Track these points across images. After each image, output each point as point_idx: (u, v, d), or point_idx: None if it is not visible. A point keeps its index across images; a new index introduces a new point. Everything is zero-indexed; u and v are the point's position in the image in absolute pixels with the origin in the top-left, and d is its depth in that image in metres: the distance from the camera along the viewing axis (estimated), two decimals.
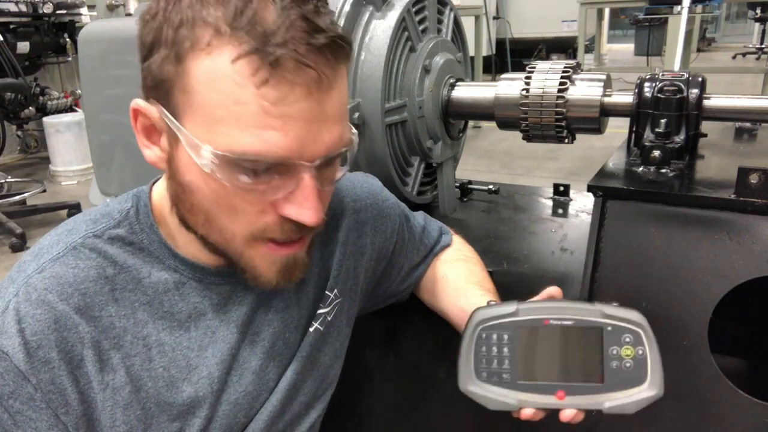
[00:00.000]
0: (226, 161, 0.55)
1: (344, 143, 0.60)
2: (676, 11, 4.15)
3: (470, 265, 0.94)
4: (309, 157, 0.57)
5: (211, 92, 0.54)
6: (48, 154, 4.73)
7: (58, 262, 0.62)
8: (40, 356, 0.59)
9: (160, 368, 0.66)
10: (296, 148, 0.55)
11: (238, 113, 0.54)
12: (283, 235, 0.61)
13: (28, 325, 0.59)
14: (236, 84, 0.53)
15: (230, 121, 0.54)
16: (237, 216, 0.60)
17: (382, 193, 0.89)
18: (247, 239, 0.61)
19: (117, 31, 1.29)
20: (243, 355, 0.71)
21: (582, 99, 1.07)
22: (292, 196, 0.58)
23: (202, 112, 0.55)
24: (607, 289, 0.89)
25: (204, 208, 0.60)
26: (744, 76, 7.71)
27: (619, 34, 14.96)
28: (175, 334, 0.67)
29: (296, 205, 0.58)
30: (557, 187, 1.49)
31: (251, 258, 0.63)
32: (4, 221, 3.36)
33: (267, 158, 0.55)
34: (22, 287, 0.61)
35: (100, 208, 0.69)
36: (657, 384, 0.63)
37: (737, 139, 1.20)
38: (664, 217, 0.87)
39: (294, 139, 0.55)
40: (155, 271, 0.66)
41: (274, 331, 0.73)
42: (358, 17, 1.15)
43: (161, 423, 0.66)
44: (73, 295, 0.61)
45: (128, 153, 1.32)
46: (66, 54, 4.77)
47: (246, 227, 0.60)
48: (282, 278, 0.65)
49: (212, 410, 0.68)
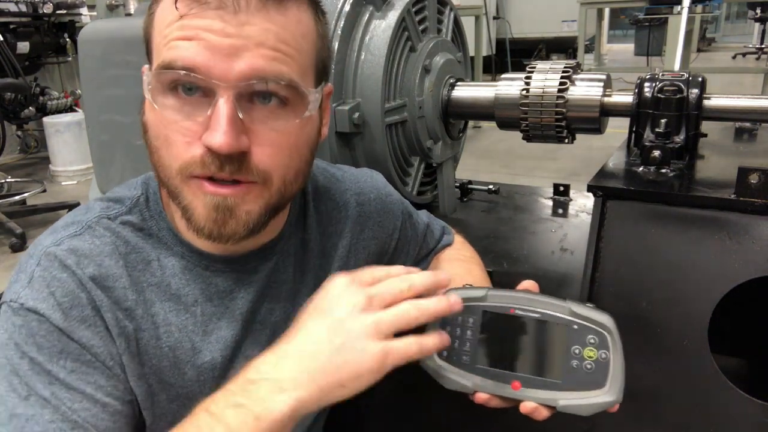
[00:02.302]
0: (156, 80, 0.59)
1: (274, 76, 0.58)
2: (676, 11, 4.15)
3: (468, 264, 0.94)
4: (221, 75, 0.57)
5: (157, 25, 0.61)
6: (48, 154, 4.73)
7: (75, 238, 0.65)
8: (75, 315, 0.61)
9: (166, 347, 0.67)
10: (205, 59, 0.56)
11: (165, 33, 0.59)
12: (204, 168, 0.59)
13: (56, 288, 0.61)
14: (169, 7, 0.58)
15: (161, 42, 0.60)
16: (171, 148, 0.60)
17: (386, 188, 0.90)
18: (180, 175, 0.61)
19: (117, 31, 1.29)
20: (245, 343, 0.72)
21: (582, 99, 1.07)
22: (209, 121, 0.58)
23: (153, 48, 0.62)
24: (607, 289, 0.89)
25: (152, 144, 0.62)
26: (744, 76, 7.71)
27: (619, 34, 14.97)
28: (181, 316, 0.68)
29: (210, 130, 0.57)
30: (557, 187, 1.49)
31: (186, 195, 0.62)
32: (4, 221, 3.36)
33: (177, 65, 0.57)
34: (42, 257, 0.63)
35: (110, 195, 0.71)
36: (616, 391, 0.61)
37: (737, 139, 1.20)
38: (664, 217, 0.87)
39: (204, 48, 0.56)
40: (164, 257, 0.68)
41: (276, 321, 0.74)
42: (358, 17, 1.15)
43: (161, 402, 0.67)
44: (89, 266, 0.63)
45: (128, 153, 1.32)
46: (66, 54, 4.78)
47: (176, 160, 0.60)
48: (214, 224, 0.62)
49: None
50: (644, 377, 0.86)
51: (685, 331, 0.83)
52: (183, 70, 0.57)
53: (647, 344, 0.85)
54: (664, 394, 0.85)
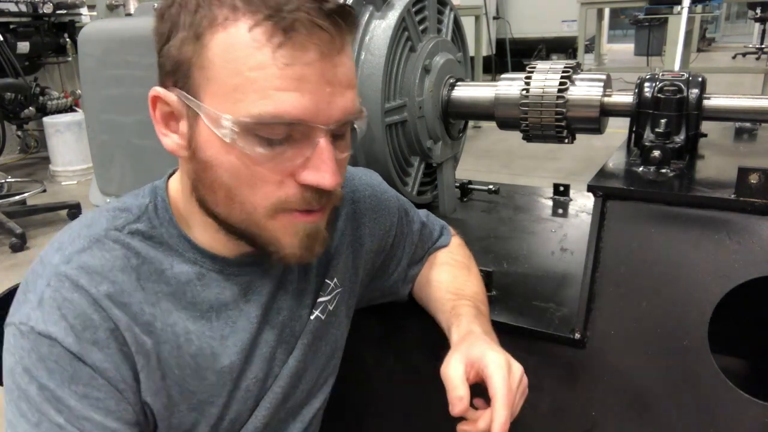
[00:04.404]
0: (244, 128, 0.57)
1: (357, 111, 0.62)
2: (676, 11, 4.15)
3: (456, 270, 0.94)
4: (324, 120, 0.58)
5: (228, 62, 0.56)
6: (48, 154, 4.73)
7: (84, 254, 0.63)
8: (88, 337, 0.59)
9: (188, 356, 0.66)
10: (312, 109, 0.57)
11: (254, 78, 0.56)
12: (304, 204, 0.62)
13: (68, 310, 0.59)
14: (253, 49, 0.55)
15: (247, 86, 0.56)
16: (257, 188, 0.60)
17: (381, 185, 0.90)
18: (268, 211, 0.62)
19: (117, 31, 1.29)
20: (259, 343, 0.72)
21: (582, 99, 1.07)
22: (310, 161, 0.59)
23: (219, 84, 0.57)
24: (607, 289, 0.89)
25: (224, 183, 0.61)
26: (744, 76, 7.71)
27: (619, 34, 14.97)
28: (198, 323, 0.68)
29: (314, 170, 0.59)
30: (557, 187, 1.49)
31: (274, 230, 0.63)
32: (4, 221, 3.36)
33: (284, 119, 0.56)
34: (52, 277, 0.61)
35: (116, 204, 0.69)
36: None
37: (737, 139, 1.20)
38: (664, 217, 0.87)
39: (309, 100, 0.56)
40: (176, 264, 0.67)
41: (283, 319, 0.75)
42: (358, 17, 1.15)
43: (181, 412, 0.67)
44: (102, 283, 0.62)
45: (128, 153, 1.32)
46: (66, 54, 4.77)
47: (267, 198, 0.61)
48: (305, 250, 0.65)
49: (229, 397, 0.70)
50: (644, 377, 0.86)
51: (685, 331, 0.83)
52: (289, 124, 0.57)
53: (647, 344, 0.85)
54: (664, 394, 0.85)
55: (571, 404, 0.91)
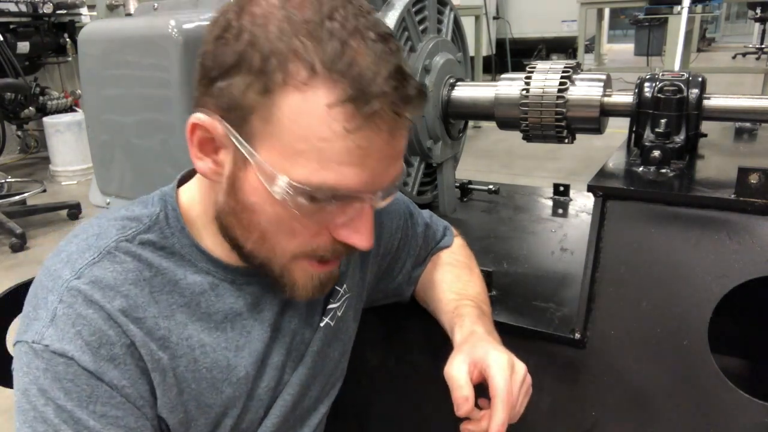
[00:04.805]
0: (300, 191, 0.56)
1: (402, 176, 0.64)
2: (676, 11, 4.15)
3: (459, 270, 0.94)
4: (377, 189, 0.59)
5: (297, 126, 0.54)
6: (48, 154, 4.73)
7: (95, 267, 0.61)
8: (104, 354, 0.58)
9: (204, 369, 0.66)
10: (369, 182, 0.58)
11: (321, 149, 0.54)
12: (333, 255, 0.64)
13: (83, 327, 0.58)
14: (327, 126, 0.53)
15: (311, 155, 0.55)
16: (295, 237, 0.62)
17: None
18: (294, 256, 0.63)
19: (117, 31, 1.29)
20: (272, 353, 0.72)
21: (582, 99, 1.07)
22: (352, 222, 0.61)
23: (283, 143, 0.55)
24: (607, 289, 0.89)
25: (261, 227, 0.61)
26: (744, 76, 7.70)
27: (619, 34, 14.97)
28: (213, 335, 0.67)
29: (354, 231, 0.61)
30: (557, 187, 1.49)
31: (292, 272, 0.65)
32: (4, 221, 3.36)
33: (342, 191, 0.57)
34: (64, 293, 0.59)
35: (125, 213, 0.67)
36: None
37: (737, 139, 1.20)
38: (664, 217, 0.87)
39: (369, 174, 0.57)
40: (189, 274, 0.66)
41: (294, 328, 0.74)
42: None
43: (198, 426, 0.66)
44: (115, 298, 0.60)
45: (128, 153, 1.32)
46: (66, 54, 4.77)
47: (299, 247, 0.63)
48: (318, 291, 0.68)
49: (243, 408, 0.70)
50: (644, 377, 0.86)
51: (685, 331, 0.83)
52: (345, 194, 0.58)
53: (647, 344, 0.85)
54: (664, 393, 0.85)
55: (571, 404, 0.91)
